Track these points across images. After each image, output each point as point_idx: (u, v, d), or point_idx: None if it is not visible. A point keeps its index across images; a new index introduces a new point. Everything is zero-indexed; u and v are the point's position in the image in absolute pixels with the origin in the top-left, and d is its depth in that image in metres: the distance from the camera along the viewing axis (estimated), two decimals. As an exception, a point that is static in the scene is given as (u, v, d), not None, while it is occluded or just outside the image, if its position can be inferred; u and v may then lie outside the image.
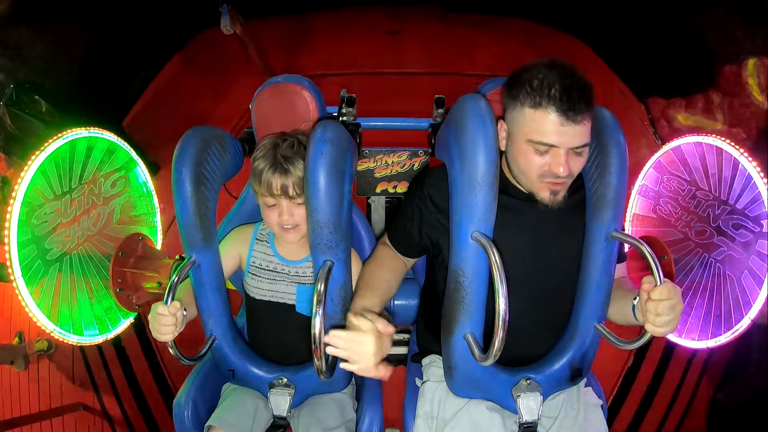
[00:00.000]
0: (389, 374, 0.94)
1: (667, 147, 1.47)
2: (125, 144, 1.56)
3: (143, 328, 2.18)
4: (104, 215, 1.49)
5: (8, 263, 1.23)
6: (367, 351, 0.90)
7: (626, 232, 1.41)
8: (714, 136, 1.34)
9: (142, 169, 1.63)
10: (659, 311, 0.90)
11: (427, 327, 1.30)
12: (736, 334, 1.27)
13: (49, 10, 2.12)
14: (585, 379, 1.20)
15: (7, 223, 1.22)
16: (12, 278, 1.24)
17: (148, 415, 2.12)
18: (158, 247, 1.67)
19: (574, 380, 1.15)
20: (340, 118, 1.53)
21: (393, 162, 1.65)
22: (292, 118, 1.30)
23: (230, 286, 1.29)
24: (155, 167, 1.81)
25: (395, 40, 2.86)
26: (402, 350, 1.85)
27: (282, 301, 1.25)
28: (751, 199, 1.24)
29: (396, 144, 1.65)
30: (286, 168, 1.13)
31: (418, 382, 1.27)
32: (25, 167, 1.26)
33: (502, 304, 0.87)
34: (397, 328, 1.00)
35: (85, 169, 1.43)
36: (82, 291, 1.41)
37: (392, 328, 0.95)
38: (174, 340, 1.04)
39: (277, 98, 1.30)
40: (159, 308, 1.01)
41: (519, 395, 1.10)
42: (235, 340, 1.21)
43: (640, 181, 1.57)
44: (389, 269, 1.19)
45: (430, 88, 1.50)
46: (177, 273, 1.06)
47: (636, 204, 1.59)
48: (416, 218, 1.16)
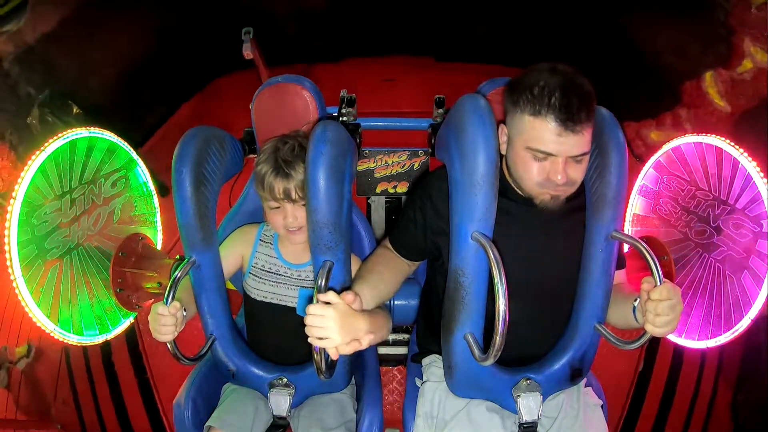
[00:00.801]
0: (359, 348, 0.92)
1: (667, 147, 1.47)
2: (125, 144, 1.56)
3: (135, 343, 2.17)
4: (104, 215, 1.49)
5: (8, 263, 1.23)
6: (331, 325, 0.87)
7: (626, 232, 1.41)
8: (714, 136, 1.34)
9: (142, 169, 1.63)
10: (659, 311, 0.90)
11: (427, 327, 1.30)
12: (736, 333, 1.27)
13: (86, 36, 2.29)
14: (585, 379, 1.20)
15: (7, 223, 1.22)
16: (12, 278, 1.24)
17: None
18: (158, 247, 1.67)
19: (574, 380, 1.15)
20: (340, 118, 1.53)
21: (393, 162, 1.65)
22: (292, 118, 1.30)
23: (230, 286, 1.29)
24: (164, 190, 1.87)
25: (391, 87, 3.26)
26: (402, 350, 1.86)
27: (283, 303, 1.25)
28: (751, 199, 1.24)
29: (396, 144, 1.65)
30: (288, 172, 1.14)
31: (418, 382, 1.27)
32: (25, 167, 1.26)
33: (502, 304, 0.87)
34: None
35: (86, 169, 1.43)
36: (82, 291, 1.41)
37: (351, 296, 0.92)
38: (174, 340, 1.04)
39: (277, 98, 1.30)
40: (159, 308, 1.01)
41: (519, 395, 1.10)
42: (235, 341, 1.21)
43: (640, 181, 1.57)
44: (386, 266, 1.18)
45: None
46: (177, 273, 1.06)
47: (636, 204, 1.59)
48: (420, 222, 1.16)
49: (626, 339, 1.02)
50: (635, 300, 0.99)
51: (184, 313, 1.07)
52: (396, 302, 1.42)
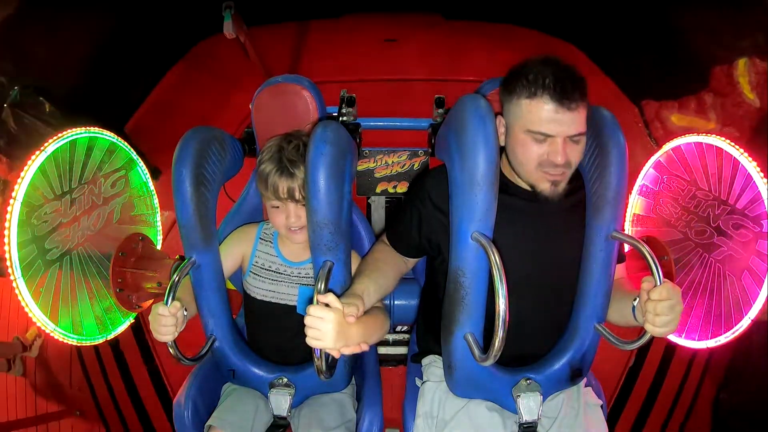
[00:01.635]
0: (354, 352, 0.94)
1: (667, 147, 1.47)
2: (125, 144, 1.56)
3: (142, 333, 2.18)
4: (104, 215, 1.49)
5: (8, 263, 1.23)
6: (328, 329, 0.89)
7: (626, 232, 1.41)
8: (714, 135, 1.34)
9: (142, 169, 1.63)
10: (659, 311, 0.90)
11: (427, 327, 1.31)
12: (736, 334, 1.27)
13: (53, 16, 2.16)
14: (585, 379, 1.20)
15: (6, 223, 1.22)
16: (12, 278, 1.24)
17: (145, 420, 2.11)
18: (158, 247, 1.67)
19: (574, 380, 1.15)
20: (340, 118, 1.53)
21: (393, 162, 1.65)
22: (292, 118, 1.30)
23: (230, 286, 1.29)
24: (156, 172, 1.83)
25: (393, 48, 2.95)
26: (402, 350, 1.86)
27: (283, 302, 1.25)
28: (751, 199, 1.24)
29: (396, 144, 1.65)
30: (292, 172, 1.14)
31: (418, 382, 1.27)
32: (24, 167, 1.26)
33: (502, 304, 0.87)
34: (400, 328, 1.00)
35: (85, 169, 1.42)
36: (82, 291, 1.41)
37: (352, 318, 0.93)
38: (174, 341, 1.04)
39: (277, 98, 1.30)
40: (159, 308, 1.01)
41: (519, 395, 1.10)
42: (235, 340, 1.21)
43: (640, 181, 1.57)
44: (386, 262, 1.19)
45: (428, 93, 1.54)
46: (177, 273, 1.06)
47: (636, 204, 1.59)
48: (415, 219, 1.16)
49: (626, 339, 1.02)
50: (635, 300, 0.99)
51: (185, 313, 1.07)
52: (396, 302, 1.42)
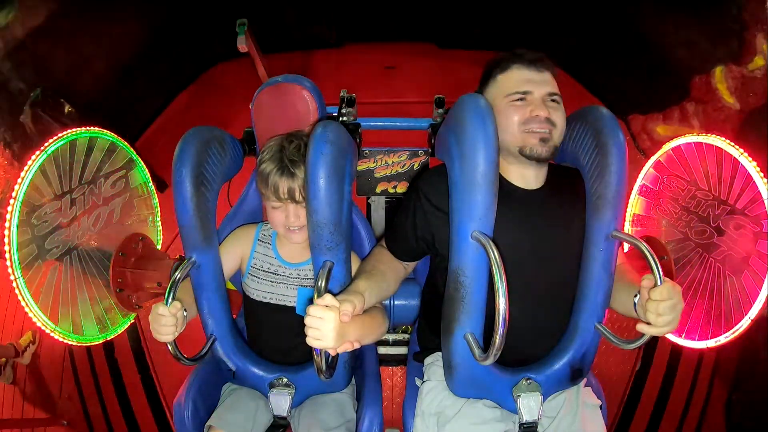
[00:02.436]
0: (350, 349, 0.95)
1: (667, 147, 1.47)
2: (125, 144, 1.56)
3: (137, 339, 2.17)
4: (104, 215, 1.49)
5: (8, 263, 1.23)
6: (328, 329, 0.90)
7: (626, 232, 1.41)
8: (714, 135, 1.34)
9: (142, 169, 1.63)
10: (659, 311, 0.90)
11: (427, 326, 1.31)
12: (736, 334, 1.26)
13: (76, 28, 2.24)
14: (585, 379, 1.20)
15: (7, 223, 1.22)
16: (12, 278, 1.23)
17: (135, 430, 2.10)
18: (158, 247, 1.67)
19: (575, 380, 1.15)
20: (340, 118, 1.53)
21: (393, 162, 1.65)
22: (292, 118, 1.30)
23: (230, 286, 1.29)
24: (162, 185, 1.86)
25: (392, 74, 3.18)
26: (402, 350, 1.85)
27: (282, 303, 1.25)
28: (751, 199, 1.24)
29: (396, 144, 1.65)
30: (293, 171, 1.13)
31: (418, 381, 1.27)
32: (24, 167, 1.26)
33: (502, 303, 0.87)
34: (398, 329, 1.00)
35: (85, 169, 1.42)
36: (82, 291, 1.41)
37: (347, 317, 0.93)
38: (174, 341, 1.04)
39: (277, 98, 1.30)
40: (159, 309, 1.01)
41: (519, 395, 1.10)
42: (235, 341, 1.21)
43: (640, 181, 1.57)
44: (385, 265, 1.19)
45: (424, 115, 1.62)
46: (177, 273, 1.06)
47: (636, 204, 1.59)
48: (410, 222, 1.16)
49: (626, 339, 1.02)
50: (636, 296, 0.99)
51: (185, 313, 1.07)
52: (396, 302, 1.42)
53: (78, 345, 1.41)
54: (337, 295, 0.97)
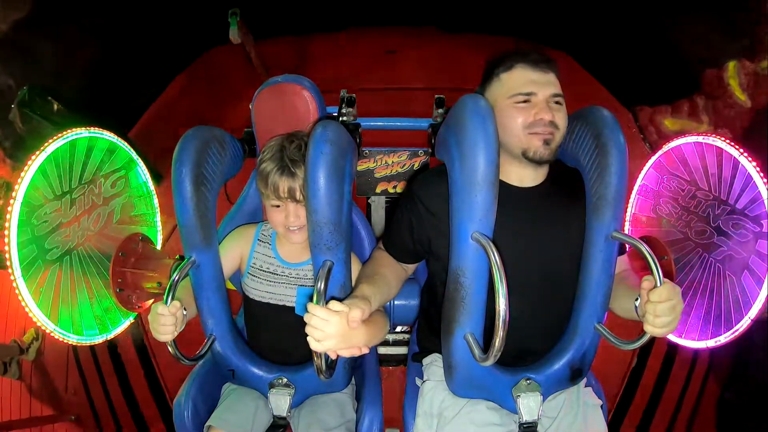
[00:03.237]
0: (355, 354, 0.94)
1: (667, 147, 1.47)
2: (125, 144, 1.56)
3: (140, 335, 2.18)
4: (104, 215, 1.49)
5: (8, 263, 1.23)
6: (330, 331, 0.89)
7: (626, 232, 1.41)
8: (714, 135, 1.34)
9: (142, 169, 1.63)
10: (659, 312, 0.90)
11: (427, 326, 1.31)
12: (736, 334, 1.27)
13: (63, 19, 2.19)
14: (585, 379, 1.20)
15: (7, 223, 1.22)
16: (12, 278, 1.24)
17: (142, 425, 2.11)
18: (158, 247, 1.67)
19: (574, 380, 1.15)
20: (340, 118, 1.53)
21: (393, 162, 1.65)
22: (292, 118, 1.30)
23: (230, 286, 1.29)
24: (158, 177, 1.84)
25: (393, 59, 3.12)
26: (402, 350, 1.86)
27: (281, 303, 1.25)
28: (751, 199, 1.24)
29: (396, 144, 1.65)
30: (293, 171, 1.13)
31: (418, 381, 1.27)
32: (25, 167, 1.26)
33: (502, 304, 0.87)
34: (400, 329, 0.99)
35: (85, 169, 1.42)
36: (82, 291, 1.41)
37: (356, 323, 0.92)
38: (174, 340, 1.04)
39: (277, 98, 1.30)
40: (159, 308, 1.01)
41: (519, 395, 1.10)
42: (235, 340, 1.21)
43: (640, 181, 1.57)
44: (387, 268, 1.19)
45: (426, 102, 1.59)
46: (177, 273, 1.06)
47: (636, 204, 1.59)
48: (406, 225, 1.17)
49: (626, 339, 1.02)
50: (636, 300, 0.99)
51: (185, 313, 1.07)
52: (396, 302, 1.42)
53: (77, 344, 1.42)
54: (341, 299, 0.97)
